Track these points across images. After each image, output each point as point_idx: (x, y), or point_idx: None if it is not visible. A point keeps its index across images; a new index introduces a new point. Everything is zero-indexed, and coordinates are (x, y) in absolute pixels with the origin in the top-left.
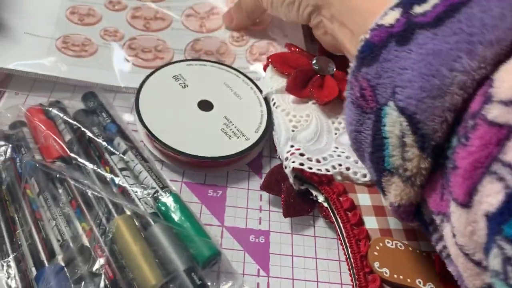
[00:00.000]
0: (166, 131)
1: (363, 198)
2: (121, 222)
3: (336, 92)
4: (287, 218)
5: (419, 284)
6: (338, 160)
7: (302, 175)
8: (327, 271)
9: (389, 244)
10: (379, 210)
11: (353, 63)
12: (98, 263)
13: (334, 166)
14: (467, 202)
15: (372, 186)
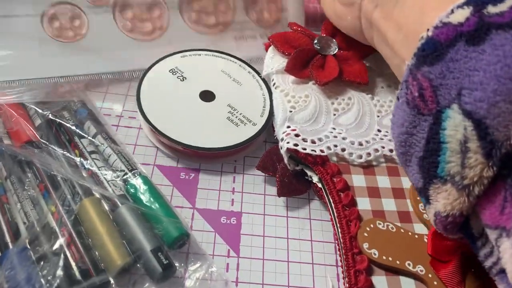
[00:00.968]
0: (174, 128)
1: (358, 179)
2: (88, 203)
3: (336, 72)
4: (260, 199)
5: (408, 266)
6: (334, 141)
7: (296, 156)
8: (299, 251)
9: (380, 225)
10: (373, 192)
11: (410, 61)
12: (58, 243)
13: (329, 147)
14: None
15: (367, 168)
